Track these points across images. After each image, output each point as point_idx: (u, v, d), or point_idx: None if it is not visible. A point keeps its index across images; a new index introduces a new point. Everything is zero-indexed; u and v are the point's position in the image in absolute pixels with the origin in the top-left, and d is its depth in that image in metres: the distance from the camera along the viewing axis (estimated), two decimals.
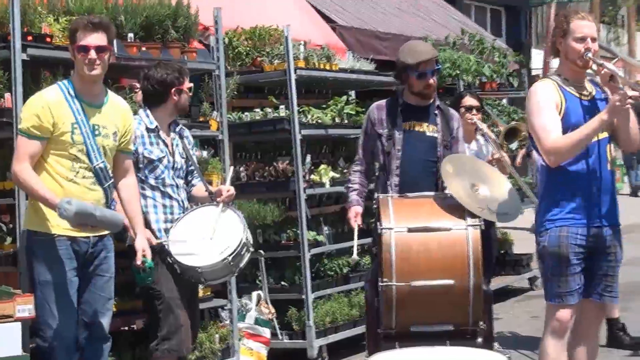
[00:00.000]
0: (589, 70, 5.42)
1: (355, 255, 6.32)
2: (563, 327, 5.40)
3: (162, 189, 6.00)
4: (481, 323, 5.72)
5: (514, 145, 7.83)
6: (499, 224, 7.89)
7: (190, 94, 6.22)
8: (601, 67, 5.34)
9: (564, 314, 5.36)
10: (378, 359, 4.95)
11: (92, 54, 5.10)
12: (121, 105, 5.56)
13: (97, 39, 5.14)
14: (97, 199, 5.25)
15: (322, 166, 7.89)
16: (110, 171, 5.34)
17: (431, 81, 6.19)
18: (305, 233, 7.40)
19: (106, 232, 5.33)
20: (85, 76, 5.19)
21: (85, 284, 5.30)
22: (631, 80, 5.53)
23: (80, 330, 5.33)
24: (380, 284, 5.56)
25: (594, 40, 5.27)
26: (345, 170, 7.51)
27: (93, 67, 5.14)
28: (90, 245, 5.25)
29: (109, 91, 5.50)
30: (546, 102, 5.24)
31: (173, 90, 5.94)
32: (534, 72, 15.13)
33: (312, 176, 7.72)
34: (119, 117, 5.44)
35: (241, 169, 7.64)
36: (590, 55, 5.24)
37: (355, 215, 6.24)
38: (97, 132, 5.24)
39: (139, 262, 5.38)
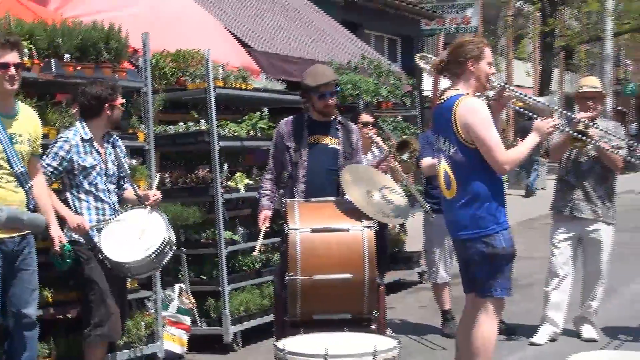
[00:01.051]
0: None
1: (256, 252, 6.48)
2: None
3: (95, 193, 5.99)
4: (375, 312, 5.78)
5: (405, 157, 7.91)
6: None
7: (122, 109, 6.22)
8: (504, 90, 5.54)
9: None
10: (284, 343, 4.96)
11: (12, 70, 5.15)
12: (31, 114, 5.59)
13: (14, 56, 5.19)
14: (21, 199, 5.30)
15: (238, 174, 7.93)
16: (28, 174, 5.36)
17: (330, 101, 6.26)
18: (222, 233, 7.43)
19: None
20: (6, 91, 5.21)
21: (12, 278, 5.28)
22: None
23: (10, 320, 5.33)
24: (286, 277, 5.60)
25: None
26: (258, 178, 7.52)
27: (13, 82, 5.18)
28: (16, 244, 5.25)
29: (18, 101, 5.51)
30: (489, 118, 5.31)
31: (107, 105, 5.94)
32: (425, 93, 15.29)
33: (229, 182, 7.76)
34: (31, 124, 5.48)
35: (166, 175, 7.62)
36: (492, 78, 5.40)
37: (264, 218, 6.30)
38: (14, 141, 5.27)
39: (57, 248, 5.48)
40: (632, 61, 46.65)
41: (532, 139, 5.46)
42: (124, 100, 6.17)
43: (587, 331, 7.65)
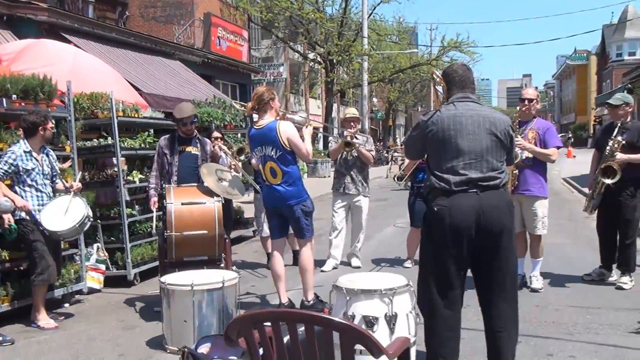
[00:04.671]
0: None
1: (153, 230, 6.38)
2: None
3: (36, 187, 5.71)
4: (223, 255, 5.75)
5: (242, 157, 7.90)
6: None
7: (53, 130, 5.98)
8: (285, 113, 5.60)
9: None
10: (165, 278, 4.87)
11: None
12: None
13: None
14: None
15: (134, 171, 7.68)
16: None
17: (189, 127, 6.21)
18: (124, 210, 7.17)
19: None
20: None
21: None
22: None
23: None
24: (165, 234, 5.51)
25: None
26: (147, 174, 7.32)
27: None
28: None
29: None
30: (297, 131, 5.55)
31: (40, 128, 5.67)
32: (254, 119, 15.30)
33: (128, 177, 7.50)
34: None
35: (86, 174, 7.29)
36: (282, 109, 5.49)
37: (153, 203, 6.16)
38: None
39: (6, 226, 5.40)
40: (378, 99, 48.30)
41: (307, 137, 5.60)
42: (53, 124, 5.91)
43: (355, 262, 7.83)
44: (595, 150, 6.79)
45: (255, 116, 5.68)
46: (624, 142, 6.30)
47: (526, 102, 6.32)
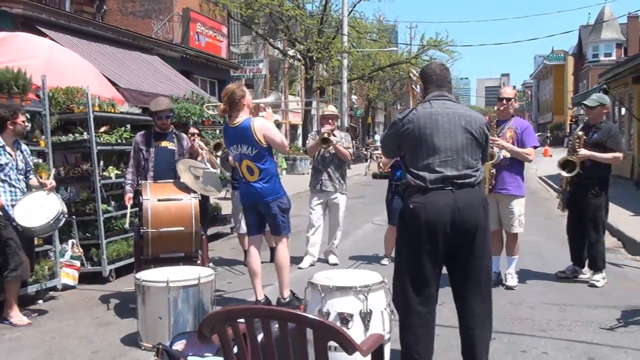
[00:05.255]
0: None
1: (127, 225, 6.27)
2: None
3: (9, 182, 5.63)
4: (200, 252, 5.72)
5: (219, 154, 7.87)
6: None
7: (26, 125, 5.88)
8: (259, 104, 5.53)
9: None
10: (141, 275, 4.84)
11: None
12: None
13: None
14: None
15: (110, 167, 7.60)
16: None
17: (165, 121, 6.15)
18: (100, 205, 7.10)
19: None
20: None
21: None
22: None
23: None
24: (142, 230, 5.46)
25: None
26: (123, 170, 7.25)
27: None
28: None
29: None
30: (274, 125, 5.54)
31: (9, 122, 5.58)
32: None
33: (104, 173, 7.42)
34: None
35: (61, 169, 7.21)
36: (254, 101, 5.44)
37: (128, 199, 6.10)
38: None
39: None
40: (357, 96, 48.37)
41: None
42: (25, 118, 5.82)
43: (332, 259, 7.86)
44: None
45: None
46: (587, 137, 6.41)
47: (504, 101, 6.37)
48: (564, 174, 6.40)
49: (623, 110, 20.84)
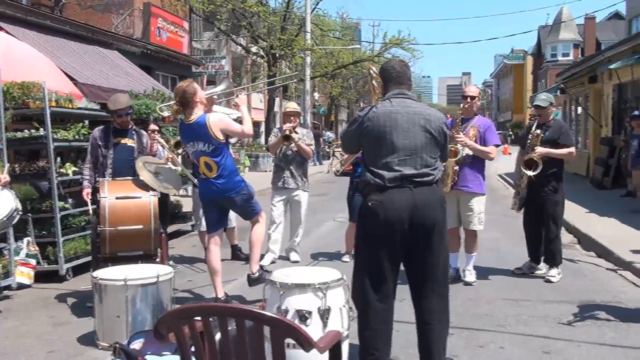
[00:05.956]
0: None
1: (91, 217, 6.11)
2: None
3: None
4: (159, 250, 5.66)
5: (180, 151, 7.78)
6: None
7: None
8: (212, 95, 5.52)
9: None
10: (98, 273, 4.77)
11: None
12: None
13: None
14: None
15: (68, 164, 7.45)
16: None
17: (124, 119, 6.07)
18: (57, 202, 6.95)
19: None
20: None
21: None
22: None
23: None
24: (99, 229, 5.37)
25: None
26: (81, 166, 7.11)
27: None
28: None
29: None
30: (227, 117, 5.53)
31: None
32: None
33: (61, 169, 7.27)
34: None
35: (16, 165, 7.04)
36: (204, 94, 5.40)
37: (87, 194, 6.00)
38: None
39: None
40: (320, 94, 48.40)
41: (245, 112, 5.65)
42: None
43: (294, 256, 7.85)
44: (520, 149, 7.01)
45: None
46: (542, 135, 6.53)
47: (469, 99, 6.45)
48: (530, 173, 6.50)
49: (579, 109, 21.30)
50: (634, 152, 11.76)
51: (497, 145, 6.48)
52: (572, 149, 6.68)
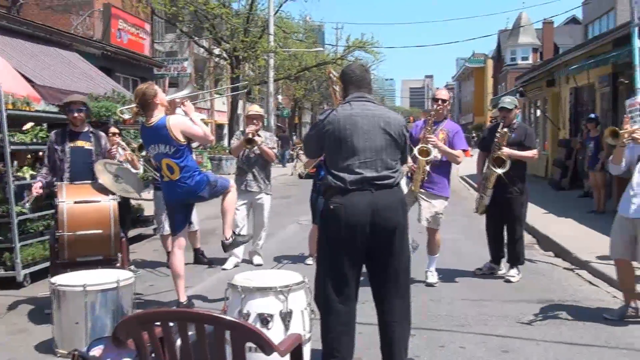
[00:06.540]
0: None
1: (27, 205, 6.18)
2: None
3: None
4: (119, 254, 5.58)
5: (144, 154, 7.68)
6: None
7: None
8: (174, 100, 5.42)
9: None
10: (56, 279, 4.68)
11: None
12: None
13: None
14: None
15: (25, 167, 7.32)
16: None
17: (75, 115, 5.96)
18: (13, 207, 6.77)
19: None
20: None
21: None
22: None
23: None
24: (57, 234, 5.27)
25: None
26: (39, 170, 6.97)
27: None
28: None
29: None
30: (189, 120, 5.37)
31: None
32: None
33: (18, 173, 7.13)
34: None
35: None
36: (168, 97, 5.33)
37: (36, 187, 5.86)
38: None
39: None
40: (284, 96, 48.38)
41: (196, 118, 5.45)
42: None
43: (257, 260, 7.82)
44: (480, 151, 7.12)
45: None
46: (509, 132, 6.64)
47: (440, 102, 6.51)
48: (499, 171, 6.59)
49: (538, 112, 21.71)
50: (590, 154, 12.03)
51: (464, 150, 6.56)
52: (536, 152, 6.81)
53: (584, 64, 13.28)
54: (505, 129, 6.65)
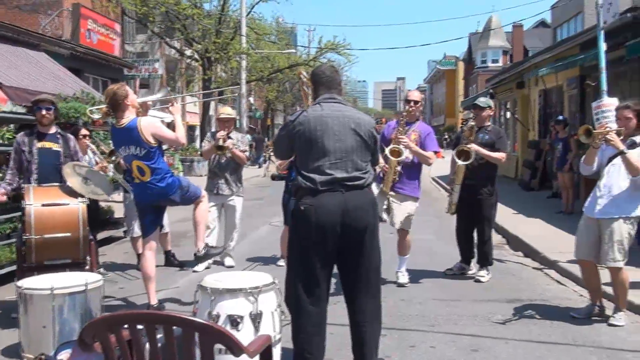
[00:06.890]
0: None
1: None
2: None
3: None
4: (88, 257, 5.50)
5: (114, 159, 7.60)
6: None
7: None
8: (146, 102, 5.40)
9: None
10: (23, 283, 4.60)
11: None
12: None
13: None
14: None
15: None
16: None
17: (43, 112, 5.88)
18: None
19: None
20: None
21: None
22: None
23: None
24: (24, 237, 5.18)
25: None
26: (4, 171, 6.86)
27: None
28: None
29: None
30: (160, 122, 5.42)
31: None
32: None
33: None
34: None
35: None
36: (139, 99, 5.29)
37: (2, 193, 5.78)
38: None
39: None
40: (256, 98, 48.29)
41: (178, 119, 5.45)
42: None
43: (228, 261, 7.78)
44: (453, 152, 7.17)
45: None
46: (483, 139, 6.70)
47: (412, 103, 6.54)
48: (461, 162, 6.64)
49: (508, 114, 21.97)
50: (558, 155, 12.22)
51: (435, 152, 6.61)
52: (504, 155, 6.84)
53: (552, 67, 13.49)
54: (473, 122, 6.72)
